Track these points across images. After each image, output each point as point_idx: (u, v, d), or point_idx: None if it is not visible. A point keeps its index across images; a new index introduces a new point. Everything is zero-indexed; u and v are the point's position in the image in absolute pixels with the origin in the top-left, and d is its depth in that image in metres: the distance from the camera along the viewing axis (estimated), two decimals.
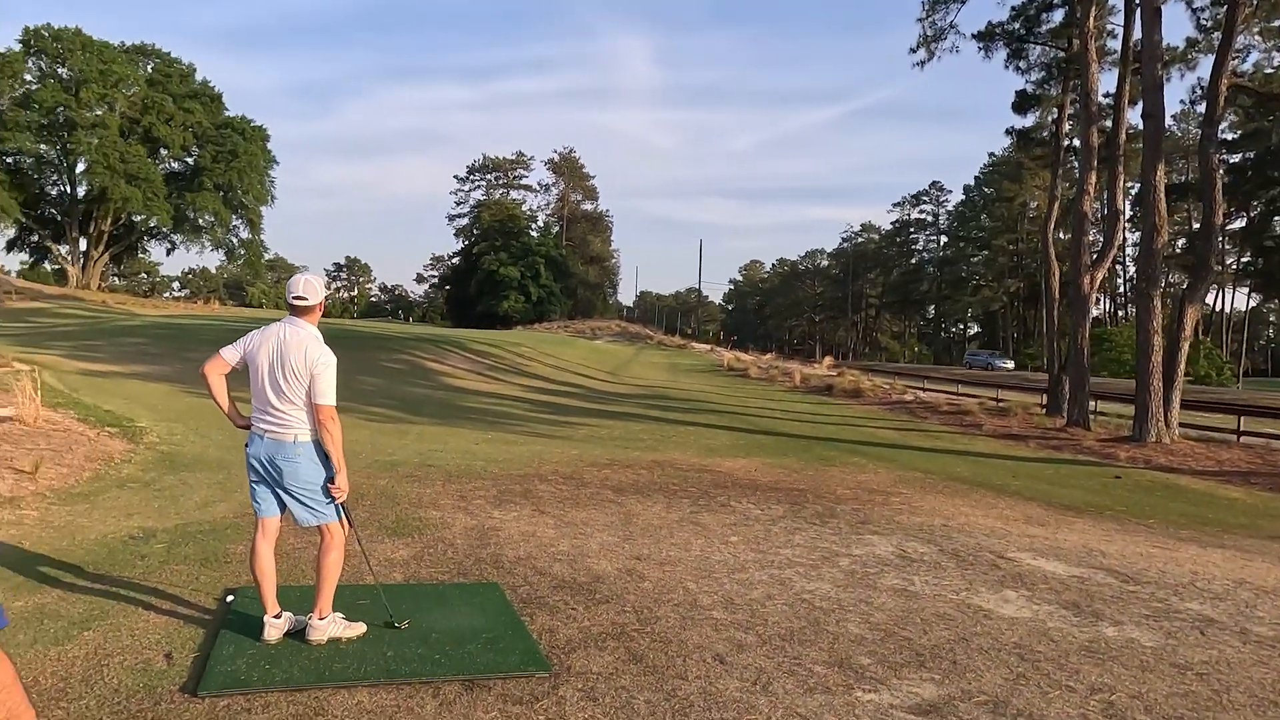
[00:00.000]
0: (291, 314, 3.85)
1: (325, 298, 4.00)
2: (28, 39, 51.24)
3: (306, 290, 3.83)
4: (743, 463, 11.15)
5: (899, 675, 3.92)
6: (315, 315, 3.90)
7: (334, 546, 3.88)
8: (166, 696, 3.25)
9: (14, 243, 55.17)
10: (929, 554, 6.47)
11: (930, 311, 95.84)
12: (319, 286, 3.90)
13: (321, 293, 3.92)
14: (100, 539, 5.41)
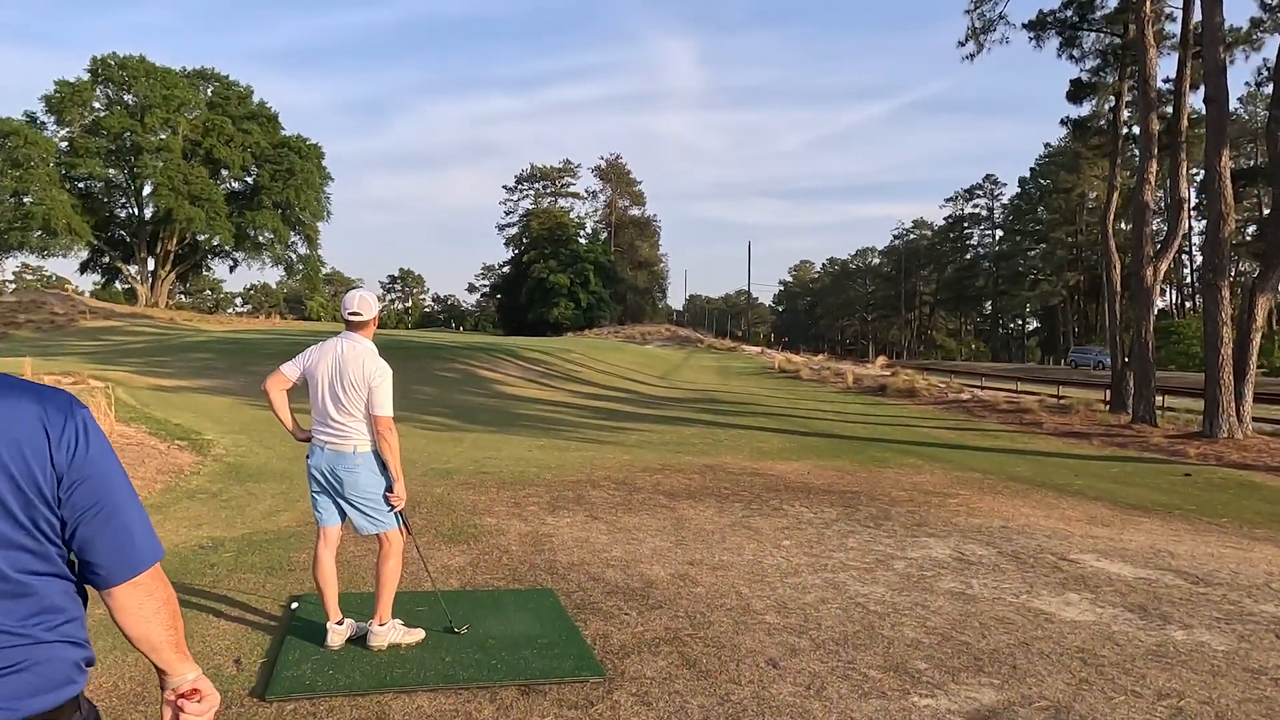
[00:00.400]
0: (348, 329, 3.97)
1: (379, 312, 4.12)
2: (96, 68, 53.49)
3: (361, 306, 3.96)
4: (795, 465, 11.08)
5: (956, 680, 3.87)
6: (370, 329, 4.01)
7: (392, 554, 3.99)
8: (237, 701, 3.38)
9: (87, 264, 57.56)
10: (988, 556, 6.35)
11: (987, 307, 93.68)
12: (373, 302, 4.02)
13: (375, 308, 4.03)
14: (172, 549, 5.63)
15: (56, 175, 50.49)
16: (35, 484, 1.25)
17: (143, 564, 1.33)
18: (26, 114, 52.28)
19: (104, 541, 1.31)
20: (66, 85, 52.13)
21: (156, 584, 1.35)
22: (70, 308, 38.40)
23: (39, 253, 52.02)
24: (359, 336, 3.96)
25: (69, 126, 52.79)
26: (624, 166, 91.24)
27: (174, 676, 1.37)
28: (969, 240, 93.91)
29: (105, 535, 1.31)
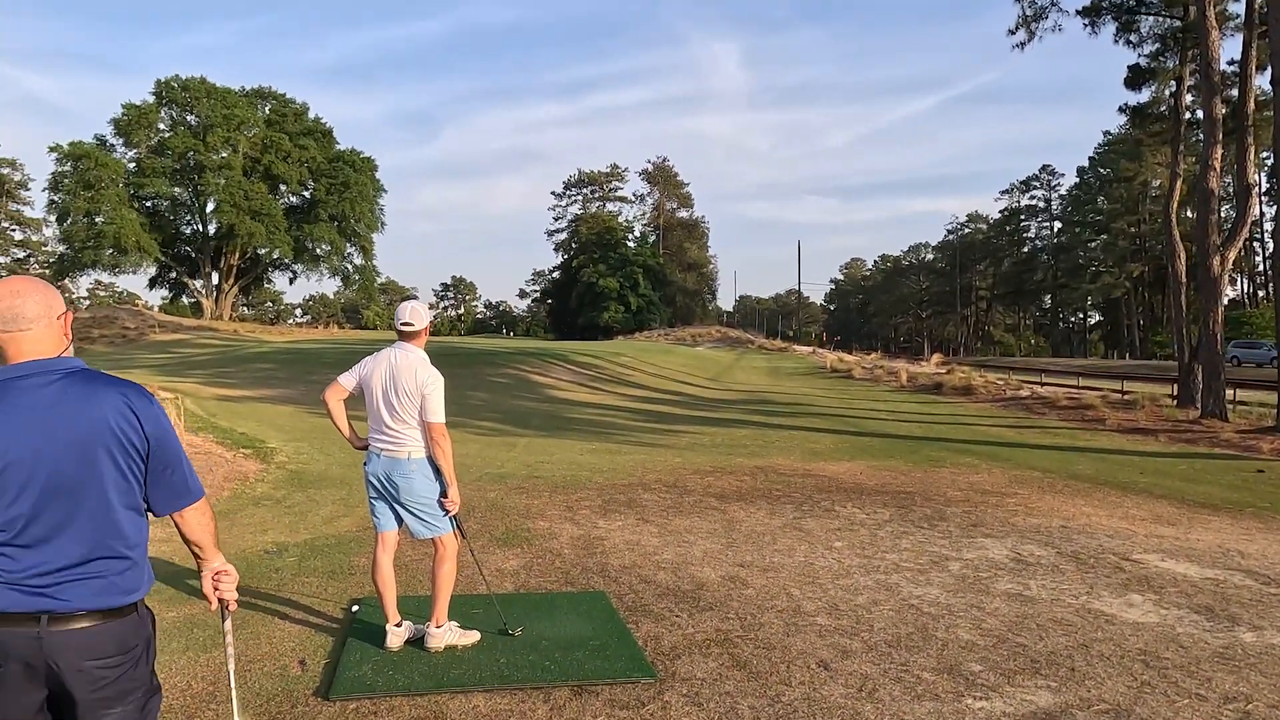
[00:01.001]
0: (400, 339, 4.10)
1: (431, 323, 4.24)
2: (160, 91, 55.60)
3: (412, 317, 4.08)
4: (847, 466, 10.98)
5: (1012, 682, 3.82)
6: (422, 339, 4.13)
7: (447, 558, 4.09)
8: (302, 700, 3.51)
9: (155, 280, 59.81)
10: (1046, 557, 6.23)
11: (1046, 302, 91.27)
12: (423, 313, 4.15)
13: (426, 318, 4.15)
14: (239, 553, 5.85)
15: (126, 195, 52.60)
16: (134, 446, 1.87)
17: (197, 496, 2.02)
18: (97, 137, 54.66)
19: (176, 482, 1.96)
20: (133, 108, 54.29)
21: (205, 507, 2.05)
22: (140, 322, 39.91)
23: (110, 270, 54.27)
24: (411, 346, 4.08)
25: (136, 148, 54.99)
26: (671, 169, 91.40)
27: (211, 563, 2.09)
28: (1026, 233, 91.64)
29: (176, 479, 1.96)
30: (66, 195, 50.71)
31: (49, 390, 1.83)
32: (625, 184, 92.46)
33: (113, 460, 1.84)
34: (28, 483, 1.78)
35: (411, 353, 4.05)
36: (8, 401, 1.81)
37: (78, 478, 1.81)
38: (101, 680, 1.81)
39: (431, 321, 4.25)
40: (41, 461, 1.79)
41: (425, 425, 3.97)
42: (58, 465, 1.80)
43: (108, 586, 1.82)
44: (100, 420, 1.83)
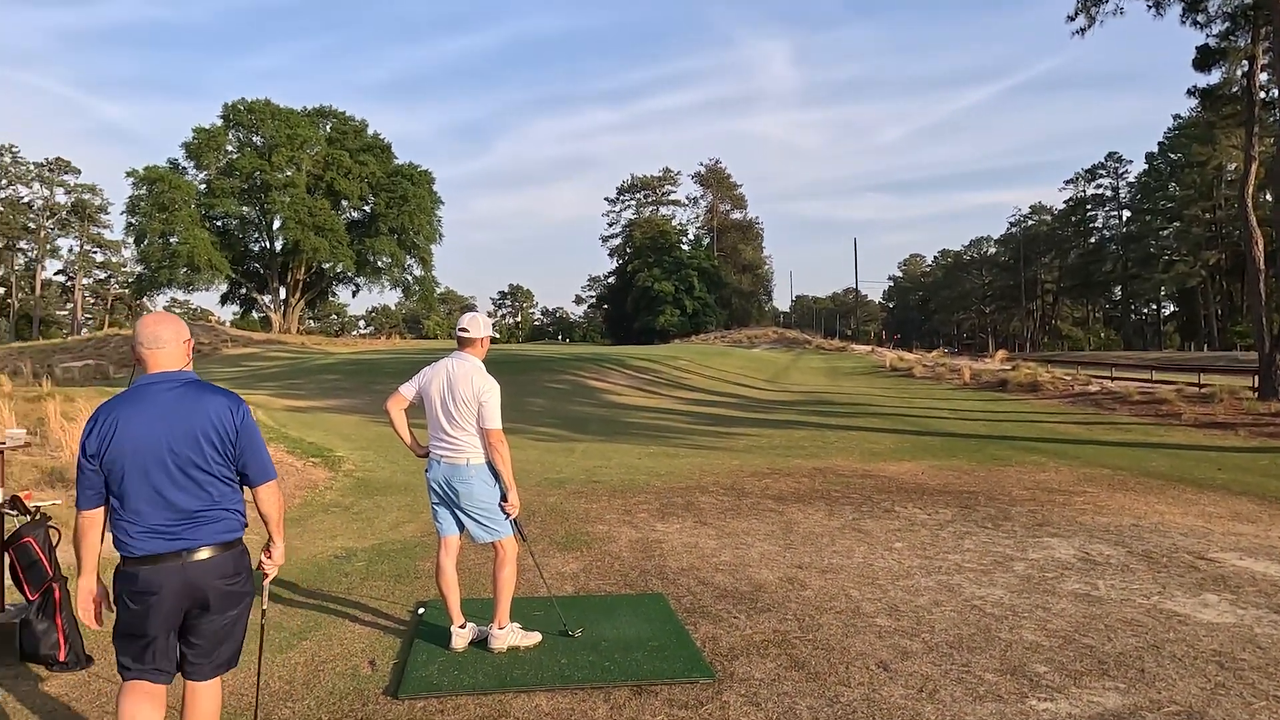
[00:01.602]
0: (459, 347, 4.23)
1: (491, 333, 4.34)
2: (227, 114, 57.73)
3: (469, 324, 4.22)
4: (908, 466, 10.83)
5: (1079, 684, 3.75)
6: (479, 348, 4.25)
7: (508, 561, 4.20)
8: (372, 699, 3.65)
9: (226, 296, 62.02)
10: (1116, 556, 6.07)
11: (1116, 293, 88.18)
12: (481, 322, 4.27)
13: (483, 327, 4.27)
14: (311, 559, 6.07)
15: (197, 215, 54.70)
16: (228, 437, 2.67)
17: (269, 478, 2.79)
18: (170, 161, 56.98)
19: (254, 466, 2.73)
20: (203, 131, 56.47)
21: (274, 488, 2.82)
22: (214, 337, 41.41)
23: (185, 288, 56.49)
24: (468, 355, 4.20)
25: (207, 170, 57.17)
26: (724, 171, 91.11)
27: (274, 539, 2.93)
28: (1093, 223, 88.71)
29: (254, 463, 2.74)
30: (143, 217, 52.99)
31: (172, 394, 2.66)
32: (678, 187, 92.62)
33: (212, 445, 2.64)
34: (157, 458, 2.59)
35: (468, 361, 4.17)
36: (145, 400, 2.65)
37: (190, 455, 2.61)
38: (226, 591, 2.69)
39: (492, 335, 4.35)
40: (165, 444, 2.59)
41: (483, 432, 4.08)
42: (176, 446, 2.60)
43: (220, 529, 2.68)
44: (204, 417, 2.64)
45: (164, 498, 2.58)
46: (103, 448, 2.58)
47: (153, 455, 2.58)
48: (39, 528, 4.07)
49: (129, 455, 2.57)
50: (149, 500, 2.58)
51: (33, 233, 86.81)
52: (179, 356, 2.73)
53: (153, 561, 2.58)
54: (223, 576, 2.67)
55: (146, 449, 2.57)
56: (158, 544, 2.58)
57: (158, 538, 2.58)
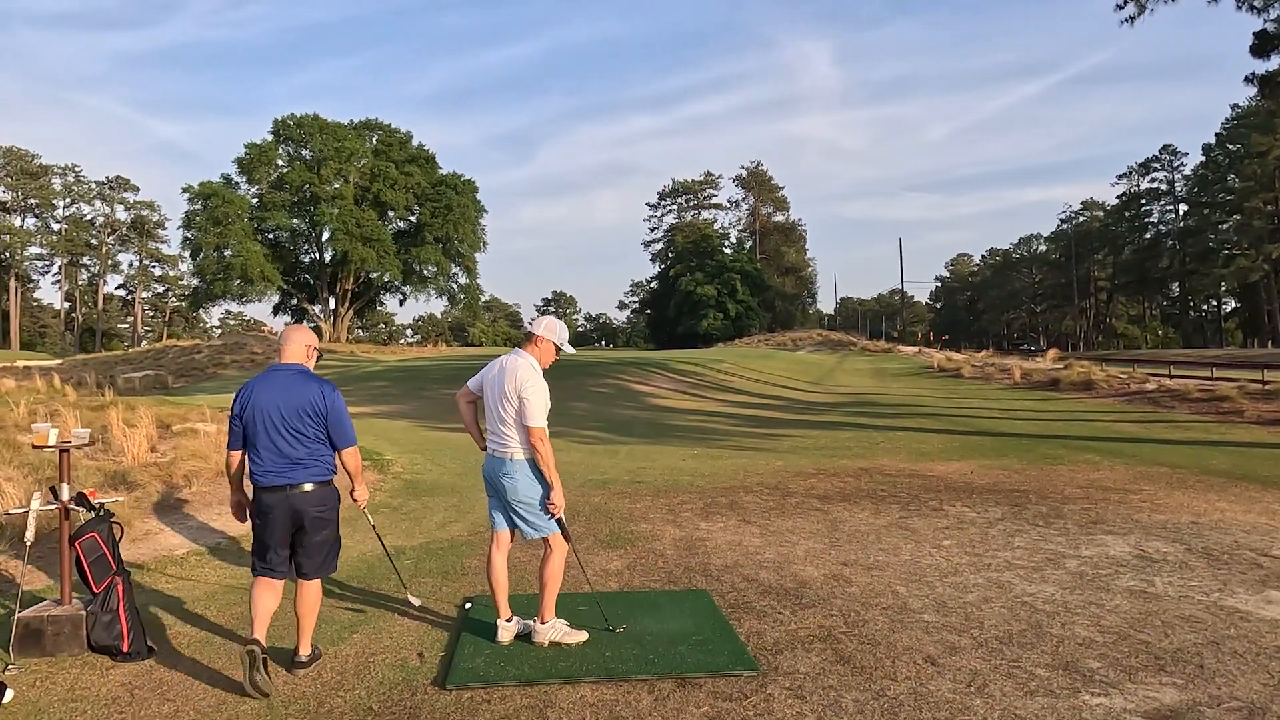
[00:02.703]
0: (521, 344, 4.36)
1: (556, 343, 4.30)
2: (277, 129, 59.25)
3: (534, 324, 4.33)
4: (957, 466, 10.65)
5: (1134, 679, 3.67)
6: (535, 346, 4.28)
7: (553, 556, 4.23)
8: (421, 689, 3.72)
9: (278, 307, 63.60)
10: (1174, 553, 5.90)
11: (1173, 290, 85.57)
12: (544, 323, 4.31)
13: (543, 328, 4.29)
14: (361, 557, 6.20)
15: (250, 229, 56.19)
16: (319, 412, 3.85)
17: (350, 444, 3.96)
18: (223, 176, 58.67)
19: (337, 434, 3.90)
20: (255, 147, 58.02)
21: (354, 451, 4.00)
22: (267, 347, 42.40)
23: (239, 299, 58.02)
24: (524, 351, 4.27)
25: (258, 184, 58.71)
26: (765, 173, 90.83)
27: (357, 486, 4.14)
28: (1148, 218, 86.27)
29: (337, 432, 3.90)
30: (198, 231, 54.60)
31: (289, 377, 3.93)
32: (719, 191, 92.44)
33: (308, 415, 3.85)
34: (273, 420, 3.82)
35: (522, 358, 4.23)
36: (271, 380, 3.92)
37: (293, 421, 3.84)
38: (316, 516, 3.88)
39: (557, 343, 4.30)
40: (279, 410, 3.83)
41: (523, 429, 4.12)
42: (285, 413, 3.83)
43: (314, 472, 3.86)
44: (305, 396, 3.87)
45: (277, 447, 3.81)
46: (242, 410, 3.86)
47: (270, 417, 3.81)
48: (103, 523, 4.23)
49: (256, 416, 3.82)
50: (267, 448, 3.81)
51: (95, 249, 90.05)
52: (300, 355, 4.04)
53: (270, 491, 3.81)
54: (315, 505, 3.87)
55: (267, 412, 3.82)
56: (273, 479, 3.80)
57: (273, 475, 3.80)
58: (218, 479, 8.44)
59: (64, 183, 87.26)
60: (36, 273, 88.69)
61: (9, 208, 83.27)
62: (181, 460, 8.88)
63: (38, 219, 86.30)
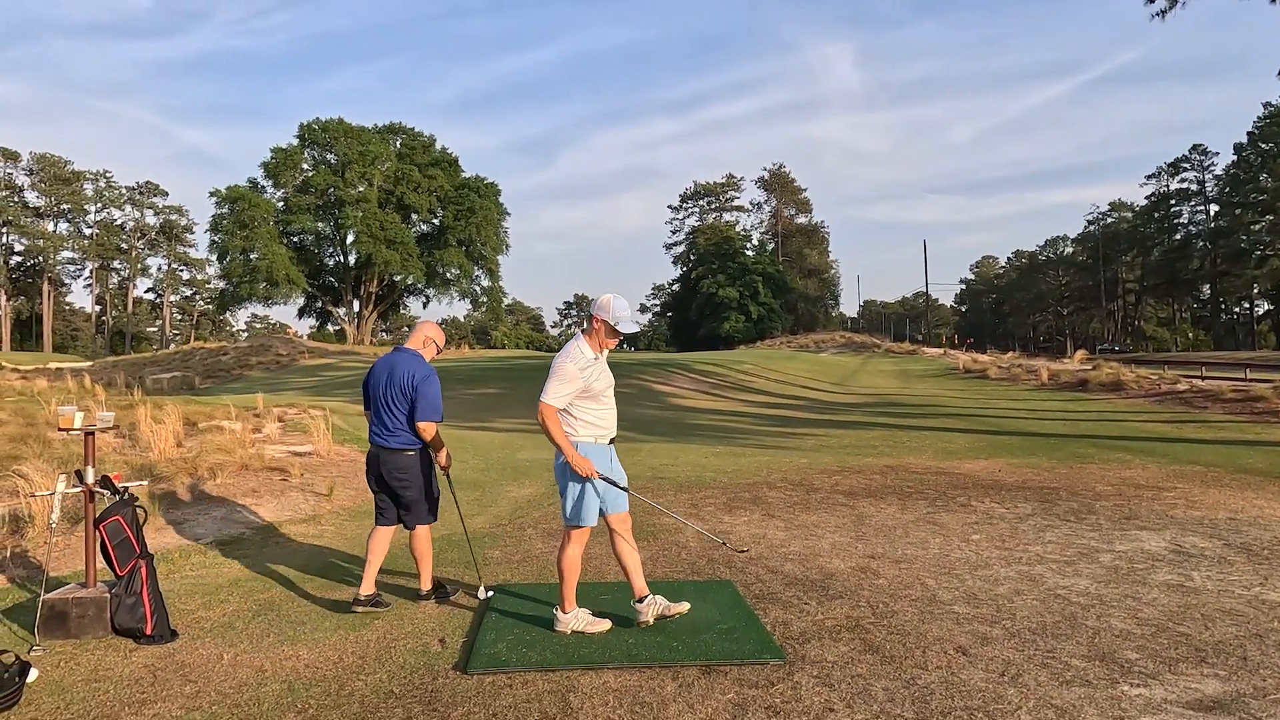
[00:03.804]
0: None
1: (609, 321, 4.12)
2: (303, 134, 59.85)
3: (591, 304, 4.29)
4: (984, 464, 10.49)
5: (1174, 671, 3.55)
6: (592, 325, 4.19)
7: (567, 547, 4.17)
8: (442, 673, 3.68)
9: (303, 310, 64.18)
10: (1212, 548, 5.75)
11: (1204, 291, 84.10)
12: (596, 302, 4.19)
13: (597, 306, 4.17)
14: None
15: (276, 232, 56.79)
16: (409, 389, 4.59)
17: (425, 419, 4.59)
18: (249, 180, 59.32)
19: (418, 410, 4.58)
20: (280, 151, 58.65)
21: (428, 425, 4.59)
22: (292, 349, 42.83)
23: (264, 302, 58.55)
24: (580, 333, 4.24)
25: (284, 188, 59.32)
26: (788, 175, 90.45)
27: (439, 455, 4.75)
28: (1177, 219, 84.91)
29: (419, 408, 4.57)
30: (225, 235, 55.25)
31: (400, 358, 4.67)
32: (741, 193, 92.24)
33: (401, 391, 4.58)
34: (379, 392, 4.63)
35: (573, 341, 4.19)
36: (387, 359, 4.73)
37: (392, 394, 4.58)
38: (398, 477, 4.63)
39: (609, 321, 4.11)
40: (384, 384, 4.62)
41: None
42: (386, 389, 4.61)
43: (401, 440, 4.60)
44: (403, 374, 4.58)
45: (378, 414, 4.65)
46: (366, 379, 4.79)
47: (377, 389, 4.66)
48: (127, 506, 4.24)
49: (371, 386, 4.73)
50: (374, 413, 4.70)
51: (125, 253, 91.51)
52: (417, 343, 4.79)
53: (374, 449, 4.69)
54: (397, 469, 4.62)
55: (376, 385, 4.68)
56: (373, 438, 4.71)
57: (374, 435, 4.69)
58: (241, 473, 8.49)
59: (95, 188, 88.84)
60: (68, 277, 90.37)
61: (42, 213, 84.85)
62: (207, 454, 8.94)
63: (70, 224, 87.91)
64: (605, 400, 4.20)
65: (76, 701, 3.43)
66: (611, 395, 4.27)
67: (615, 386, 4.34)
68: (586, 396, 4.10)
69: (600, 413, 4.17)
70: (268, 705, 3.38)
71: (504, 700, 3.38)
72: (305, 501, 7.83)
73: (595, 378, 4.10)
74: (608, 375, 4.23)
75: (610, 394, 4.25)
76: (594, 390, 4.11)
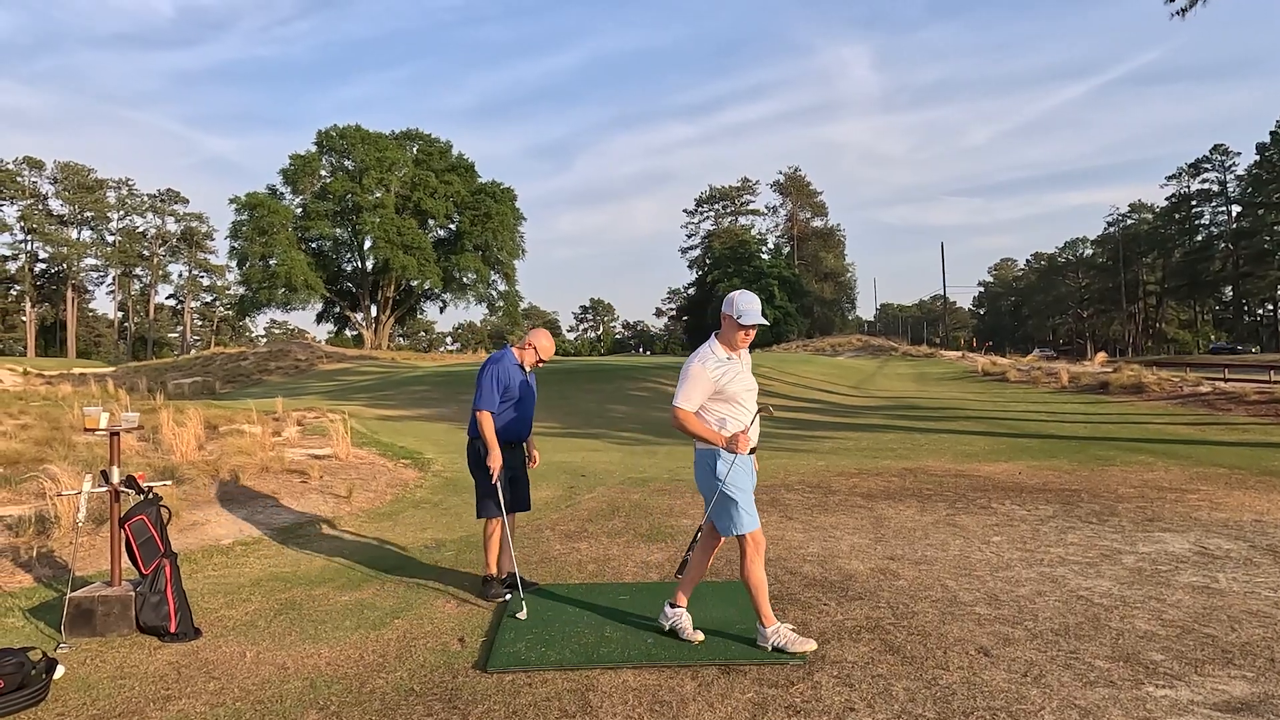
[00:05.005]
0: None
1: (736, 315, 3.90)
2: (321, 140, 60.41)
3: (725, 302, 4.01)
4: (1004, 466, 10.41)
5: (1200, 672, 3.51)
6: (723, 327, 3.97)
7: (744, 557, 3.88)
8: (462, 671, 3.70)
9: (321, 315, 64.72)
10: (1237, 550, 5.68)
11: (1226, 293, 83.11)
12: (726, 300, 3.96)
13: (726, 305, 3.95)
14: (403, 548, 6.22)
15: (294, 238, 57.34)
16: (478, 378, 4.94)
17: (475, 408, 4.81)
18: (269, 187, 59.94)
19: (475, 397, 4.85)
20: (299, 158, 59.22)
21: (479, 414, 4.77)
22: (310, 354, 43.17)
23: (283, 307, 59.16)
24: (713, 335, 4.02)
25: (302, 194, 59.90)
26: (804, 178, 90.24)
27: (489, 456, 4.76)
28: (1199, 220, 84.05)
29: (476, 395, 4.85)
30: (245, 241, 55.85)
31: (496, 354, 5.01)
32: (757, 197, 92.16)
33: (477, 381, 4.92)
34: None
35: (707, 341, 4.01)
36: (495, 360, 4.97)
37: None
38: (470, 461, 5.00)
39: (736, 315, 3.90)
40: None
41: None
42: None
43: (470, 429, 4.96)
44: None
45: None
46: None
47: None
48: (151, 506, 4.29)
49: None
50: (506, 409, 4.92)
51: (147, 260, 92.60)
52: (519, 343, 5.08)
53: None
54: (469, 453, 4.99)
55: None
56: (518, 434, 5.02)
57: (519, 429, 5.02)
58: (262, 474, 8.56)
59: (118, 196, 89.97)
60: (92, 283, 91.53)
61: (67, 221, 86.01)
62: (227, 457, 9.02)
63: (93, 231, 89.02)
64: (741, 404, 3.90)
65: (102, 698, 3.47)
66: (750, 400, 3.96)
67: (632, 390, 4.31)
68: (719, 399, 3.86)
69: (735, 417, 3.89)
70: (290, 702, 3.41)
71: (524, 698, 3.39)
72: (324, 503, 7.88)
73: (729, 379, 3.85)
74: (745, 378, 3.95)
75: (748, 398, 3.94)
76: (727, 392, 3.85)
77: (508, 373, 4.86)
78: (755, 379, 4.11)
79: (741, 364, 3.97)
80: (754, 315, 3.87)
